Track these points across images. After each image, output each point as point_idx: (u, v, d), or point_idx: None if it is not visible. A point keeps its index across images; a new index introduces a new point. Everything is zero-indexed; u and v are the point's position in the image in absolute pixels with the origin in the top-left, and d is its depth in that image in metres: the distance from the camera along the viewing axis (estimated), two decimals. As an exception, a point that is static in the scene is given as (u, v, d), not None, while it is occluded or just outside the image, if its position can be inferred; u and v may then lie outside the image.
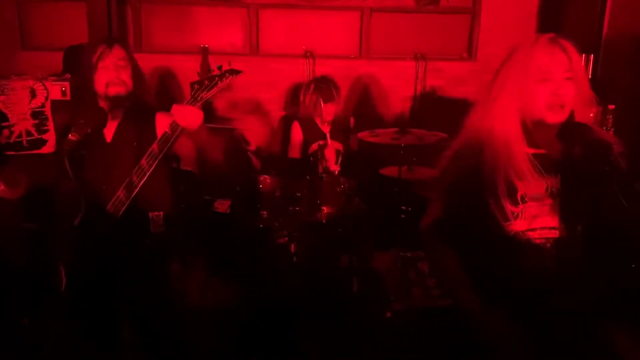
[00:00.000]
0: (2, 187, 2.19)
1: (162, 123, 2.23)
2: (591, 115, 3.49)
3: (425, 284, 3.09)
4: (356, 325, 2.84)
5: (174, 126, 2.07)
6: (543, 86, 1.56)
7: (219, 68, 2.14)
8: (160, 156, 2.12)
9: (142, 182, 2.12)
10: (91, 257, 2.15)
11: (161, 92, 4.80)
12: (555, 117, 1.58)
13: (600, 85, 4.05)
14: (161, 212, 2.21)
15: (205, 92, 2.08)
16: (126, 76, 2.19)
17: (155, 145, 2.12)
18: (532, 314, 1.61)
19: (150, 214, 2.19)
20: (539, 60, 1.56)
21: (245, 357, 2.73)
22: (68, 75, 3.09)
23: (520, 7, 4.90)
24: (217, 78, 2.09)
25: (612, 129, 3.42)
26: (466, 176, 1.65)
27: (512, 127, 1.60)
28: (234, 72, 2.10)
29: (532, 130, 1.62)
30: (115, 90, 2.16)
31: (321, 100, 3.79)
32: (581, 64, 1.59)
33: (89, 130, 2.03)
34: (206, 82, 2.08)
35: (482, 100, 1.70)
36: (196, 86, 2.08)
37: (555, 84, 1.56)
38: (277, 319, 2.92)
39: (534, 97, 1.57)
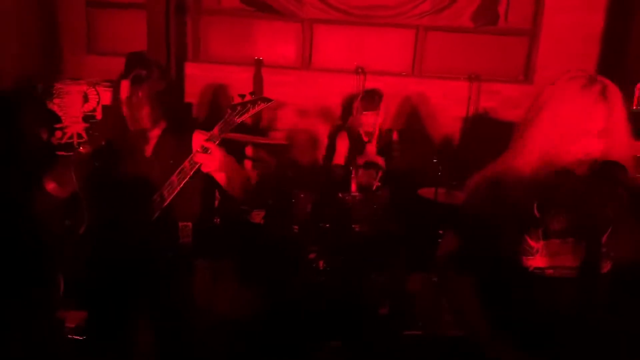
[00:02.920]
0: (53, 185, 2.28)
1: (198, 142, 2.27)
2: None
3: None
4: (377, 347, 2.79)
5: (192, 163, 2.13)
6: (575, 142, 1.49)
7: (252, 94, 2.17)
8: (178, 188, 2.16)
9: (171, 196, 2.18)
10: (108, 265, 2.20)
11: (215, 101, 4.93)
12: (582, 170, 1.52)
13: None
14: (189, 223, 2.25)
15: (237, 117, 2.11)
16: (145, 114, 2.20)
17: (174, 177, 2.16)
18: (547, 350, 1.54)
19: (180, 224, 2.24)
20: (577, 112, 1.48)
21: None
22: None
23: (583, 30, 4.73)
24: (249, 104, 2.11)
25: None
26: (486, 206, 1.60)
27: (532, 167, 1.54)
28: (266, 100, 2.12)
29: (553, 170, 1.55)
30: (136, 126, 2.21)
31: (362, 108, 3.78)
32: (623, 116, 1.49)
33: (103, 143, 2.08)
34: (239, 107, 2.11)
35: (515, 130, 1.65)
36: (229, 110, 2.12)
37: (589, 141, 1.49)
38: (299, 334, 2.91)
39: (562, 149, 1.50)
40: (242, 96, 2.20)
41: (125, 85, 2.15)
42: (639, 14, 4.40)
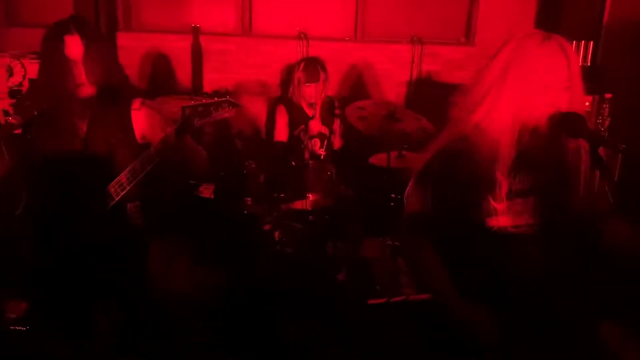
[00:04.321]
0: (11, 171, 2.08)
1: (140, 119, 2.12)
2: (587, 104, 3.43)
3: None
4: (339, 314, 2.79)
5: (143, 164, 1.98)
6: (543, 96, 1.49)
7: (217, 95, 2.01)
8: (142, 175, 2.01)
9: (120, 195, 2.04)
10: (52, 249, 2.05)
11: (151, 73, 4.70)
12: (549, 122, 1.51)
13: (599, 73, 3.96)
14: (138, 202, 2.12)
15: (197, 119, 1.94)
16: (99, 73, 2.00)
17: (137, 163, 2.00)
18: (515, 310, 1.56)
19: (129, 204, 2.10)
20: (542, 68, 1.48)
21: (225, 343, 2.67)
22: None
23: (520, -9, 4.79)
24: (212, 107, 1.95)
25: (609, 119, 3.34)
26: (450, 169, 1.59)
27: (504, 128, 1.53)
28: (232, 104, 1.97)
29: (523, 130, 1.55)
30: (86, 91, 2.01)
31: (303, 80, 3.70)
32: (579, 67, 1.52)
33: (35, 113, 1.90)
34: (200, 108, 1.94)
35: (472, 91, 1.62)
36: (188, 111, 1.93)
37: (555, 94, 1.49)
38: (259, 306, 2.86)
39: (533, 106, 1.50)
40: (195, 93, 2.02)
41: (74, 40, 1.92)
42: (574, -27, 4.48)
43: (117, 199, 2.04)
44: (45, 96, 1.98)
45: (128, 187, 2.02)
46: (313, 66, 3.78)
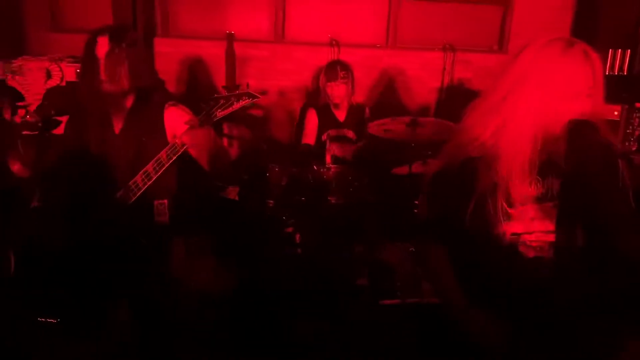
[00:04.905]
0: (18, 166, 2.20)
1: (171, 118, 2.21)
2: (615, 113, 3.35)
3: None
4: (356, 316, 2.80)
5: (182, 142, 2.07)
6: (565, 103, 1.45)
7: (237, 87, 2.10)
8: (167, 164, 2.11)
9: (146, 186, 2.13)
10: (79, 240, 2.15)
11: (187, 77, 4.83)
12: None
13: (635, 82, 3.87)
14: (165, 200, 2.20)
15: (219, 110, 2.04)
16: (124, 72, 2.10)
17: (163, 153, 2.10)
18: (523, 317, 1.55)
19: (155, 202, 2.19)
20: (566, 75, 1.44)
21: (243, 342, 2.72)
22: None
23: (556, -2, 4.73)
24: (233, 98, 2.04)
25: (638, 130, 3.25)
26: (464, 174, 1.58)
27: (522, 134, 1.49)
28: (252, 95, 2.06)
29: (552, 140, 1.51)
30: (109, 88, 2.10)
31: (325, 80, 3.75)
32: (602, 75, 1.48)
33: (52, 112, 2.00)
34: (222, 100, 2.04)
35: (489, 96, 1.62)
36: (212, 103, 2.04)
37: (577, 102, 1.45)
38: (277, 307, 2.90)
39: (555, 113, 1.46)
40: (226, 88, 2.14)
41: (103, 41, 2.05)
42: (611, -19, 4.40)
43: (143, 188, 2.14)
44: (68, 99, 2.08)
45: (154, 177, 2.12)
46: (333, 66, 3.84)
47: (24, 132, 1.97)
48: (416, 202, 3.23)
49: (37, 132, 1.97)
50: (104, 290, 2.15)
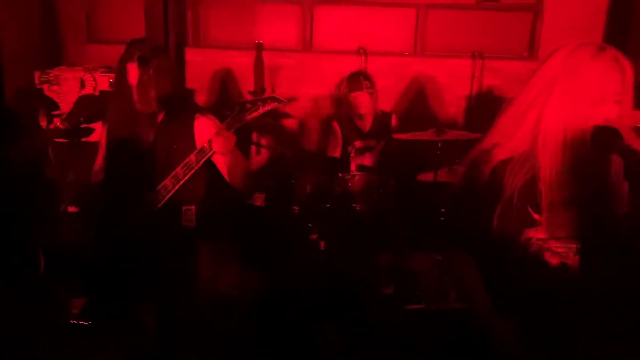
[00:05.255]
0: (55, 172, 2.29)
1: (200, 127, 2.27)
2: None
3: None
4: (381, 323, 2.80)
5: (198, 157, 2.17)
6: (593, 109, 1.44)
7: (262, 91, 2.16)
8: (196, 168, 2.17)
9: (175, 189, 2.20)
10: (109, 244, 2.21)
11: (217, 86, 4.91)
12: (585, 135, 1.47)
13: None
14: (193, 207, 2.26)
15: (246, 114, 2.12)
16: (154, 95, 2.20)
17: (192, 157, 2.18)
18: (548, 323, 1.54)
19: (183, 208, 2.25)
20: (595, 80, 1.43)
21: (268, 349, 2.74)
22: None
23: (588, 4, 4.64)
24: (259, 102, 2.12)
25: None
26: (490, 179, 1.58)
27: (550, 139, 1.49)
28: (277, 99, 2.12)
29: (569, 142, 1.50)
30: (142, 108, 2.22)
31: (347, 90, 3.77)
32: (632, 81, 1.45)
33: (82, 120, 2.08)
34: (248, 105, 2.12)
35: (517, 100, 1.61)
36: (238, 107, 2.13)
37: (606, 107, 1.44)
38: (301, 313, 2.91)
39: (582, 118, 1.45)
40: (253, 93, 2.22)
41: (133, 68, 2.14)
42: (645, -14, 4.31)
43: (172, 191, 2.21)
44: (98, 105, 2.17)
45: (183, 180, 2.19)
46: (356, 76, 3.84)
47: (55, 140, 2.05)
48: (442, 210, 3.21)
49: (67, 139, 2.05)
50: (130, 293, 2.21)
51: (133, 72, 2.15)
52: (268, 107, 2.11)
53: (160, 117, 2.28)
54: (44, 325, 2.30)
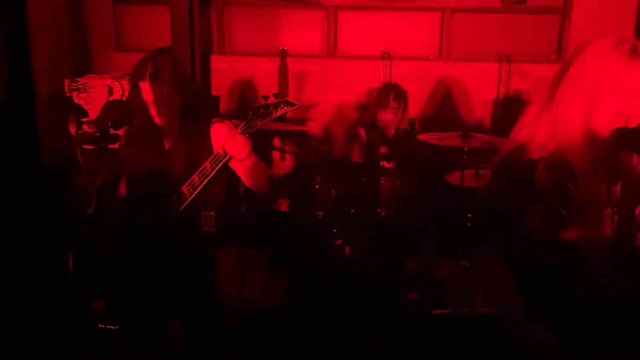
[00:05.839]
0: (79, 177, 2.32)
1: (217, 133, 2.29)
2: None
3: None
4: (407, 329, 2.77)
5: (213, 163, 2.17)
6: (610, 101, 1.41)
7: (275, 96, 2.16)
8: (212, 174, 2.18)
9: (192, 196, 2.21)
10: (133, 250, 2.23)
11: (242, 92, 4.95)
12: (616, 135, 1.43)
13: None
14: (212, 212, 2.27)
15: (259, 119, 2.11)
16: (172, 108, 2.20)
17: (207, 164, 2.18)
18: (582, 326, 1.50)
19: (203, 213, 2.25)
20: (613, 73, 1.39)
21: (294, 355, 2.73)
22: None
23: (617, 4, 4.55)
24: (272, 107, 2.11)
25: None
26: (519, 179, 1.55)
27: (572, 133, 1.47)
28: (290, 103, 2.12)
29: (591, 137, 1.47)
30: (160, 122, 2.23)
31: (375, 105, 3.79)
32: None
33: (110, 124, 2.09)
34: (261, 110, 2.11)
35: (542, 98, 1.59)
36: (251, 113, 2.13)
37: (624, 101, 1.40)
38: (326, 319, 2.90)
39: (599, 110, 1.42)
40: (266, 97, 2.20)
41: (145, 87, 2.16)
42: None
43: (190, 198, 2.22)
44: (124, 112, 2.18)
45: (200, 187, 2.20)
46: (386, 93, 3.82)
47: (83, 146, 2.07)
48: (469, 215, 3.17)
49: (95, 145, 2.07)
50: (155, 299, 2.22)
51: (146, 91, 2.15)
52: (281, 111, 2.11)
53: (177, 124, 2.27)
54: (72, 328, 2.33)
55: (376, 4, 4.81)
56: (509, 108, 4.77)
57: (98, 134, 2.02)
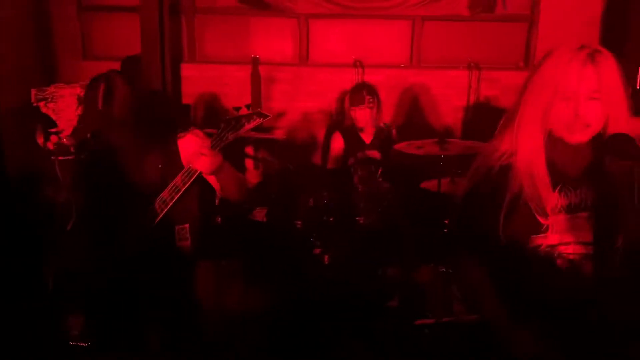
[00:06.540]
0: (54, 189, 2.25)
1: (186, 146, 2.23)
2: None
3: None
4: (387, 338, 2.76)
5: (184, 179, 2.11)
6: (565, 105, 1.46)
7: (248, 107, 2.13)
8: (184, 189, 2.12)
9: (164, 212, 2.15)
10: (100, 264, 2.16)
11: (213, 101, 4.90)
12: (578, 137, 1.49)
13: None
14: (187, 225, 2.21)
15: (231, 132, 2.07)
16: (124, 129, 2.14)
17: (178, 178, 2.13)
18: (562, 331, 1.52)
19: (177, 227, 2.20)
20: (566, 78, 1.45)
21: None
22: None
23: (583, 13, 4.66)
24: (244, 119, 2.07)
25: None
26: (493, 188, 1.58)
27: (534, 141, 1.53)
28: (262, 115, 2.08)
29: (565, 146, 1.53)
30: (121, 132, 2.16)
31: (350, 104, 3.79)
32: (616, 83, 1.46)
33: (89, 136, 2.04)
34: (233, 122, 2.07)
35: (511, 108, 1.63)
36: (223, 125, 2.08)
37: (578, 104, 1.45)
38: (306, 329, 2.87)
39: (555, 114, 1.48)
40: (237, 109, 2.14)
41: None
42: (638, -5, 4.34)
43: (161, 214, 2.15)
44: (96, 120, 2.12)
45: (171, 203, 2.13)
46: (359, 90, 3.86)
47: (60, 157, 2.01)
48: (446, 221, 3.19)
49: (72, 156, 2.01)
50: (133, 312, 2.16)
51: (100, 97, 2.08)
52: (254, 123, 2.07)
53: (144, 135, 2.21)
54: (51, 345, 2.25)
55: (347, 12, 4.83)
56: (479, 114, 4.83)
57: (73, 148, 1.96)
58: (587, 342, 1.51)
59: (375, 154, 3.83)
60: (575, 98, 1.45)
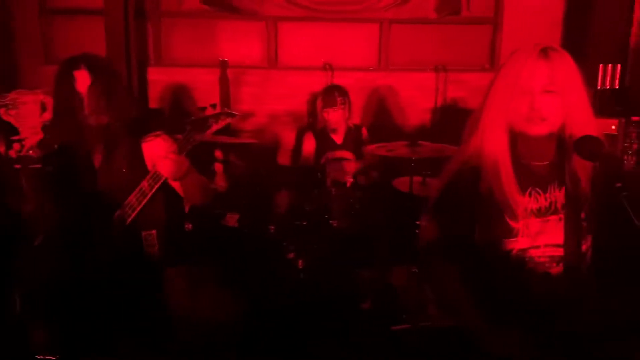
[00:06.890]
0: (14, 200, 2.17)
1: (150, 149, 2.18)
2: (613, 127, 3.37)
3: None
4: (362, 342, 2.76)
5: (151, 183, 2.04)
6: (521, 99, 1.51)
7: (213, 107, 2.03)
8: (150, 194, 2.06)
9: (132, 217, 2.08)
10: (70, 278, 2.09)
11: (181, 105, 4.83)
12: (537, 130, 1.53)
13: (626, 96, 3.90)
14: (154, 231, 2.15)
15: (198, 134, 1.99)
16: (106, 102, 2.04)
17: (145, 183, 2.06)
18: (537, 334, 1.53)
19: (144, 233, 2.14)
20: (521, 74, 1.50)
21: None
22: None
23: (545, 16, 4.77)
24: (211, 119, 2.00)
25: (637, 142, 3.27)
26: (463, 192, 1.60)
27: (498, 138, 1.56)
28: (230, 114, 2.02)
29: (527, 141, 1.56)
30: (93, 121, 2.05)
31: (322, 105, 3.80)
32: (571, 77, 1.50)
33: (56, 147, 1.97)
34: (199, 123, 1.99)
35: (477, 110, 1.65)
36: (188, 127, 2.00)
37: (533, 98, 1.50)
38: (282, 333, 2.85)
39: (514, 109, 1.52)
40: (202, 109, 2.03)
41: (81, 75, 2.01)
42: (599, -3, 4.46)
43: (129, 220, 2.09)
44: (64, 130, 2.05)
45: (138, 208, 2.07)
46: (331, 92, 3.87)
47: (30, 166, 1.93)
48: (418, 222, 3.21)
49: (39, 166, 1.93)
50: (104, 324, 2.10)
51: (82, 79, 2.01)
52: (222, 123, 2.01)
53: (107, 136, 2.11)
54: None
55: (316, 15, 4.83)
56: (447, 116, 4.89)
57: (42, 157, 1.89)
58: (560, 344, 1.53)
59: (347, 154, 3.85)
60: (530, 92, 1.49)
